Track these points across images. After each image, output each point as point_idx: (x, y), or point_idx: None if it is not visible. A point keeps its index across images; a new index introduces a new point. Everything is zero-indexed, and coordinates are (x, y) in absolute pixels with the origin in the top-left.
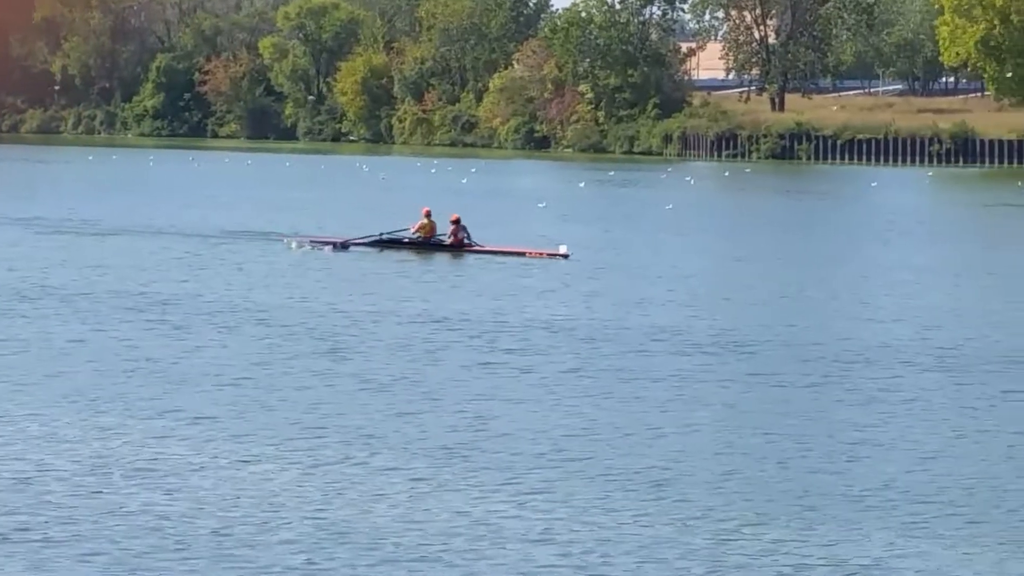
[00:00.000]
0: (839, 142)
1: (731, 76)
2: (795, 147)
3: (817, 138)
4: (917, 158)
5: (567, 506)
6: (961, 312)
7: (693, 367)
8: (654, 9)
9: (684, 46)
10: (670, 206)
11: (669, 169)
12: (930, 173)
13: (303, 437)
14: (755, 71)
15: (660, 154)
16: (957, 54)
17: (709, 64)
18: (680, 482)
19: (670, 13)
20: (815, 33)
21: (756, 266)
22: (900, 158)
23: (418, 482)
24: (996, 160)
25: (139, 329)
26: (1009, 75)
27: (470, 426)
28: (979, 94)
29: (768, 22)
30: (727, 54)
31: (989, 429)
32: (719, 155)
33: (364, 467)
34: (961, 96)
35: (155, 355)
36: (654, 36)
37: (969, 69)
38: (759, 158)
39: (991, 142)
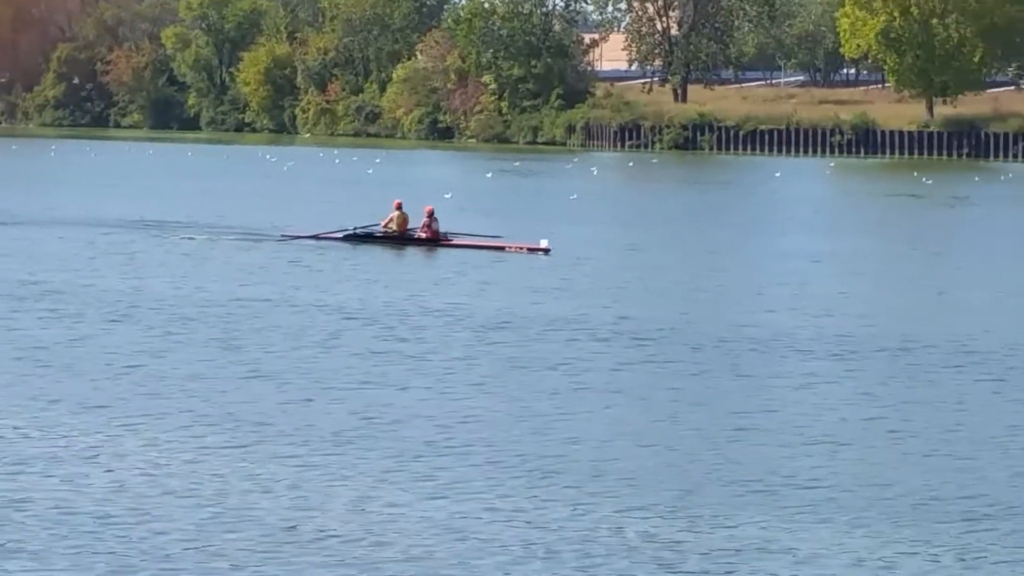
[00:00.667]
0: (741, 133)
1: (634, 67)
2: (698, 138)
3: (719, 129)
4: (819, 149)
5: (456, 492)
6: (856, 301)
7: (587, 355)
8: (557, 0)
9: (587, 37)
10: (574, 196)
11: (575, 159)
12: (832, 164)
13: (194, 425)
14: (658, 62)
15: (563, 144)
16: (858, 46)
17: (612, 55)
18: (569, 469)
19: (573, 4)
20: (717, 25)
21: (656, 255)
22: (802, 149)
23: (311, 469)
24: (896, 151)
25: (31, 319)
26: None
27: (359, 414)
28: (880, 85)
29: (670, 13)
30: (630, 45)
31: (877, 416)
32: (622, 146)
33: (255, 455)
34: (862, 87)
35: (44, 343)
36: (557, 27)
37: (870, 61)
38: (662, 149)
39: (891, 133)
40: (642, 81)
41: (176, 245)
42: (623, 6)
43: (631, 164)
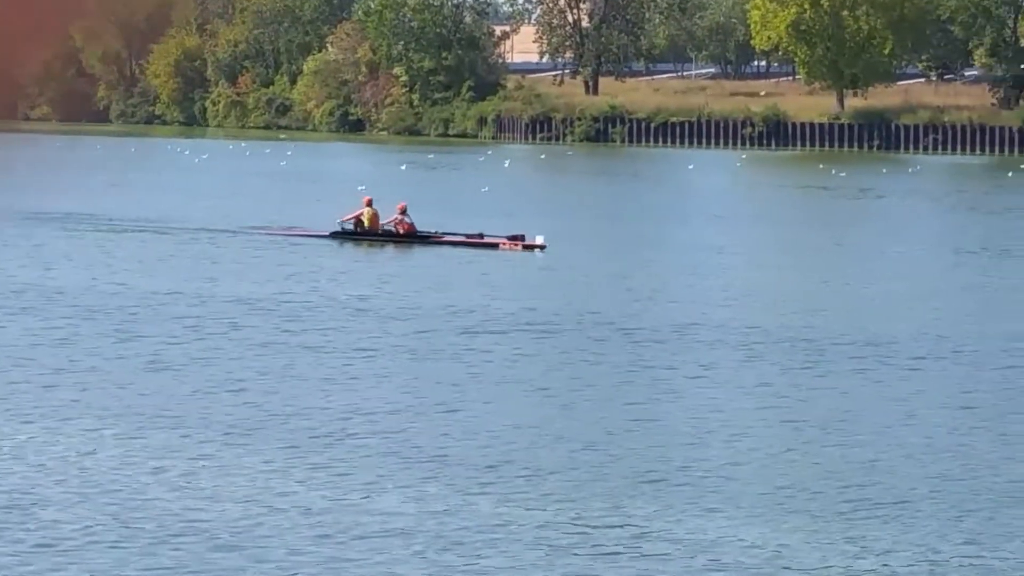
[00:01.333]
0: (653, 125)
1: (545, 59)
2: (609, 130)
3: (631, 121)
4: (730, 141)
5: (351, 481)
6: (758, 292)
7: (491, 348)
8: None
9: (498, 29)
10: (486, 188)
11: (488, 152)
12: (743, 156)
13: (91, 417)
14: (569, 54)
15: (475, 137)
16: (769, 38)
17: (523, 47)
18: (462, 460)
19: None
20: (628, 17)
21: (567, 248)
22: (713, 141)
23: (208, 459)
24: (807, 143)
25: None
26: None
27: (255, 404)
28: (791, 77)
29: (581, 5)
30: (541, 37)
31: (774, 406)
32: (533, 138)
33: (153, 445)
34: (773, 79)
35: None
36: (468, 19)
37: (780, 53)
38: (573, 141)
39: (802, 125)
40: (553, 73)
41: (82, 237)
42: None
43: (543, 156)
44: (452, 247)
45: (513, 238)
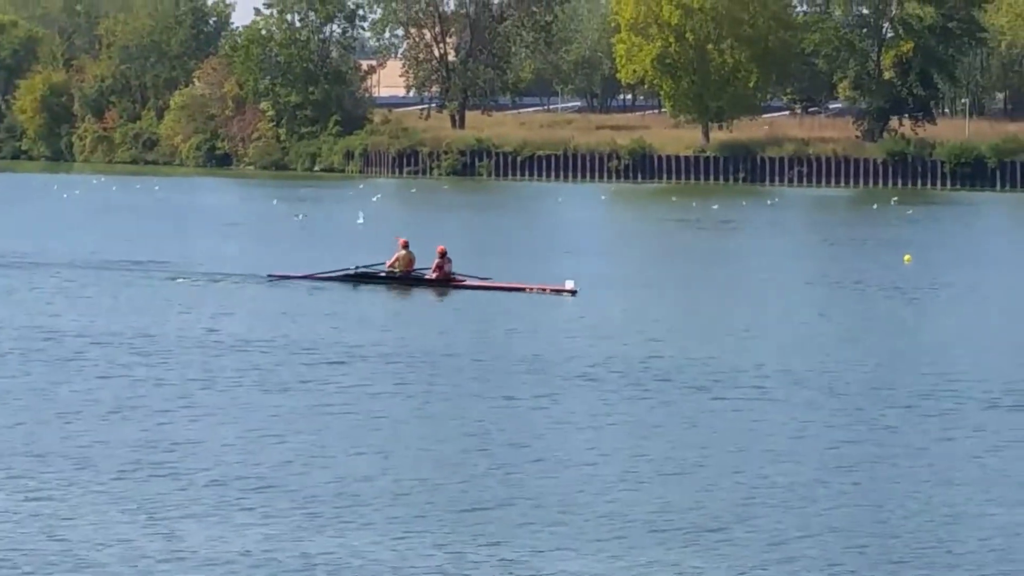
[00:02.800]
0: (519, 158)
1: (412, 93)
2: (476, 163)
3: (498, 154)
4: (596, 174)
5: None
6: (610, 324)
7: (354, 381)
8: (334, 27)
9: (365, 64)
10: (361, 221)
11: (360, 185)
12: (612, 188)
13: None
14: (435, 88)
15: (342, 171)
16: (634, 71)
17: (390, 81)
18: (315, 495)
19: (350, 31)
20: (494, 51)
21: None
22: (580, 174)
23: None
24: (673, 176)
25: None
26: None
27: (148, 443)
28: (656, 111)
29: (448, 40)
30: (407, 71)
31: (620, 437)
32: (400, 172)
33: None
34: (639, 113)
35: None
36: (335, 54)
37: (646, 86)
38: (440, 174)
39: (668, 158)
40: (420, 107)
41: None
42: (400, 32)
43: (414, 190)
44: (479, 291)
45: (558, 291)
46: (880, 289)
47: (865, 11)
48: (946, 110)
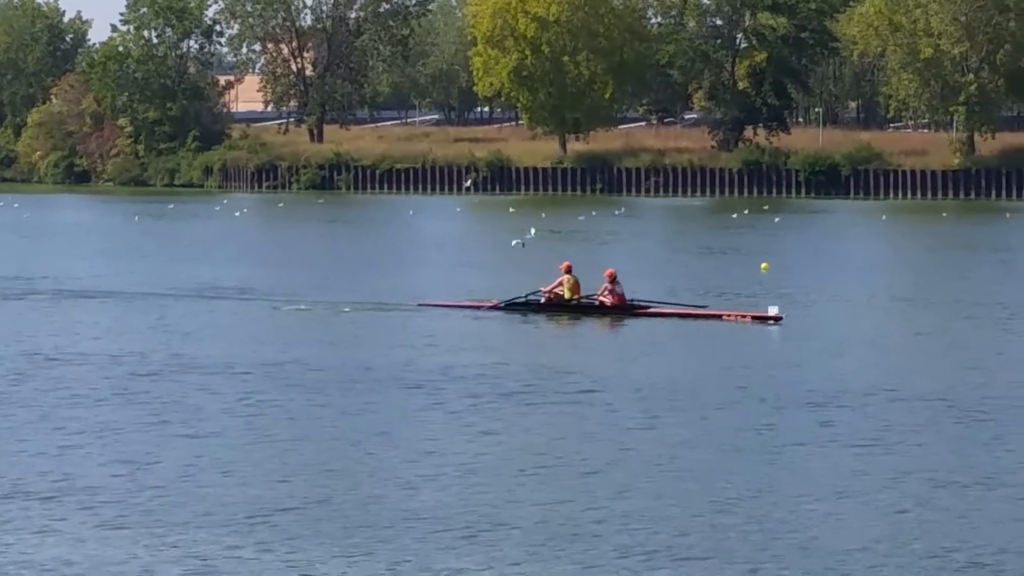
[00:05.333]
0: (378, 172)
1: (270, 108)
2: (335, 177)
3: (356, 168)
4: (454, 186)
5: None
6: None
7: (200, 394)
8: (191, 43)
9: (222, 79)
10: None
11: (224, 200)
12: (476, 200)
13: None
14: (293, 103)
15: (201, 186)
16: (491, 84)
17: (248, 96)
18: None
19: (208, 47)
20: (351, 65)
21: (291, 290)
22: (438, 187)
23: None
24: (531, 187)
25: None
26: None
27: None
28: (514, 123)
29: (305, 55)
30: (265, 86)
31: (472, 443)
32: (259, 186)
33: None
34: (496, 125)
35: None
36: (192, 69)
37: (503, 99)
38: (299, 189)
39: (526, 170)
40: (278, 122)
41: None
42: (258, 48)
43: (281, 205)
44: (668, 319)
45: (759, 318)
46: (745, 296)
47: (719, 22)
48: (800, 119)
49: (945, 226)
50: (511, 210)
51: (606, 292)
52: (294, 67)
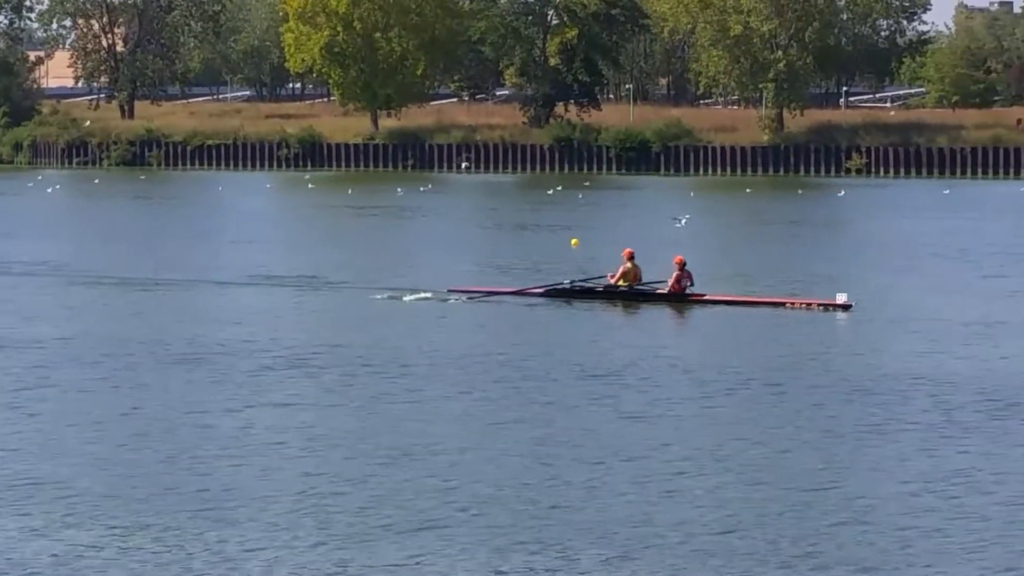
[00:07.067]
0: (189, 148)
1: (80, 84)
2: (146, 154)
3: (167, 145)
4: (266, 163)
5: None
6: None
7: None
8: (1, 18)
9: (32, 55)
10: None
11: (39, 177)
12: (283, 177)
13: None
14: (104, 79)
15: (11, 163)
16: (303, 60)
17: (58, 72)
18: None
19: (17, 22)
20: (163, 41)
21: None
22: (249, 163)
23: None
24: (343, 164)
25: None
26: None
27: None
28: (326, 99)
29: (116, 30)
30: (76, 62)
31: (329, 424)
32: (70, 163)
33: None
34: (308, 101)
35: None
36: (1, 45)
37: (315, 75)
38: (110, 165)
39: (338, 146)
40: (89, 98)
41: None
42: (68, 23)
43: (96, 181)
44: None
45: (828, 306)
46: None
47: None
48: (611, 96)
49: (747, 201)
50: (310, 186)
51: (675, 280)
52: (105, 43)
